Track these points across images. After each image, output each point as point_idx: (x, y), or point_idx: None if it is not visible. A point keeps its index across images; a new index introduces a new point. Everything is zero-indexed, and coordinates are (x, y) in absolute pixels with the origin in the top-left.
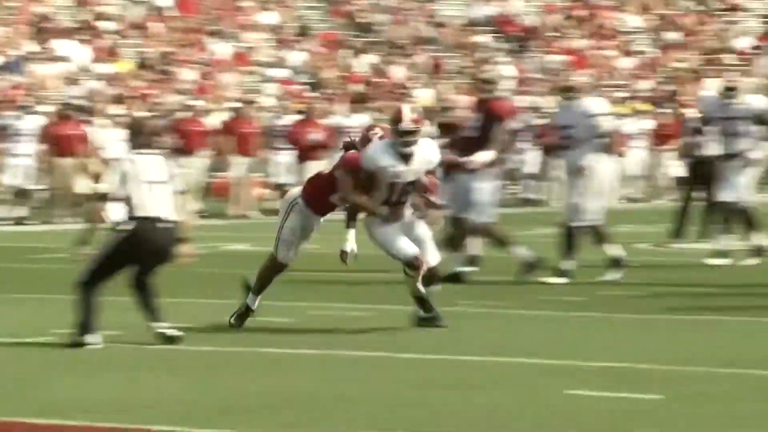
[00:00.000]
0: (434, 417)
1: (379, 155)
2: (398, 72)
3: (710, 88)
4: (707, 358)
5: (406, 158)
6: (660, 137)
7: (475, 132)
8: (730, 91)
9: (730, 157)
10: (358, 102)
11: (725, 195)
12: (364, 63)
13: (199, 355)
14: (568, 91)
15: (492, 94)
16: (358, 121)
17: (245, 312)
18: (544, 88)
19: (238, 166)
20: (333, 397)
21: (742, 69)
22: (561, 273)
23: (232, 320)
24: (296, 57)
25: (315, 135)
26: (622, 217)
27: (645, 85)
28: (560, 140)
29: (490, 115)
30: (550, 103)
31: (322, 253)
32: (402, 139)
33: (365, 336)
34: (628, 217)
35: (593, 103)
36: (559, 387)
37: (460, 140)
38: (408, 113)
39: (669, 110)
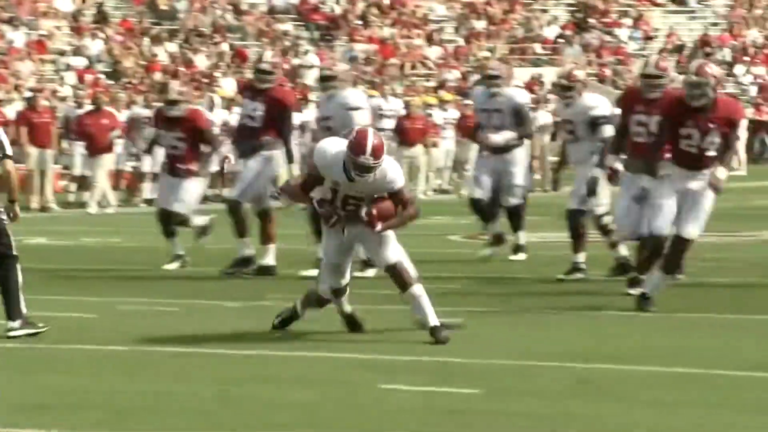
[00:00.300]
0: (247, 413)
1: (330, 156)
2: (201, 61)
3: (518, 77)
4: (522, 352)
5: (352, 178)
6: (467, 128)
7: (254, 122)
8: (492, 79)
9: (495, 150)
10: (161, 92)
11: (508, 200)
12: (165, 51)
13: (5, 353)
14: (328, 81)
15: (271, 84)
16: None
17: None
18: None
19: (36, 157)
20: (142, 394)
21: (550, 58)
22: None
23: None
24: (94, 45)
25: (108, 127)
26: (432, 208)
27: (452, 74)
28: (322, 132)
29: (274, 103)
30: None
31: (131, 247)
32: (357, 171)
33: (174, 331)
34: (437, 209)
35: (353, 95)
36: (374, 382)
37: (239, 131)
38: (369, 143)
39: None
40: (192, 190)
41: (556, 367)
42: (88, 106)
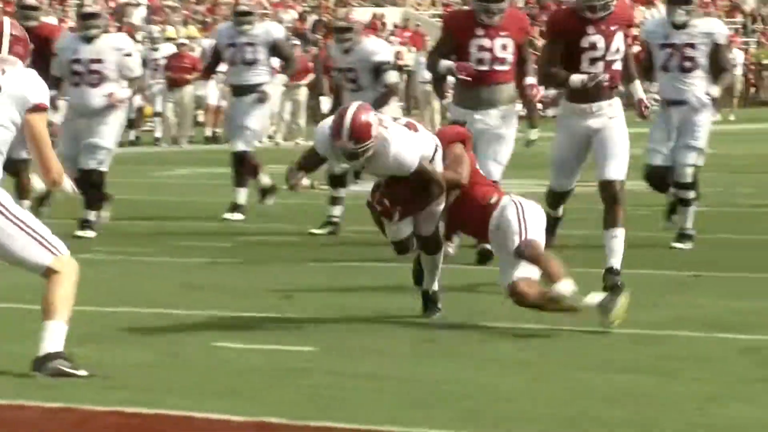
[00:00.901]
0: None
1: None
2: None
3: (361, 15)
4: (360, 309)
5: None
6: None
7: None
8: (242, 16)
9: (241, 90)
10: None
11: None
12: None
13: None
14: (91, 19)
15: (36, 22)
16: None
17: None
18: (180, 16)
19: None
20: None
21: None
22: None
23: None
24: None
25: None
26: (264, 156)
27: (289, 14)
28: (89, 75)
29: (42, 43)
30: (182, 33)
31: None
32: (344, 157)
33: (26, 289)
34: (270, 157)
35: (122, 38)
36: (206, 339)
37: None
38: (345, 125)
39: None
40: None
41: (398, 325)
42: None
